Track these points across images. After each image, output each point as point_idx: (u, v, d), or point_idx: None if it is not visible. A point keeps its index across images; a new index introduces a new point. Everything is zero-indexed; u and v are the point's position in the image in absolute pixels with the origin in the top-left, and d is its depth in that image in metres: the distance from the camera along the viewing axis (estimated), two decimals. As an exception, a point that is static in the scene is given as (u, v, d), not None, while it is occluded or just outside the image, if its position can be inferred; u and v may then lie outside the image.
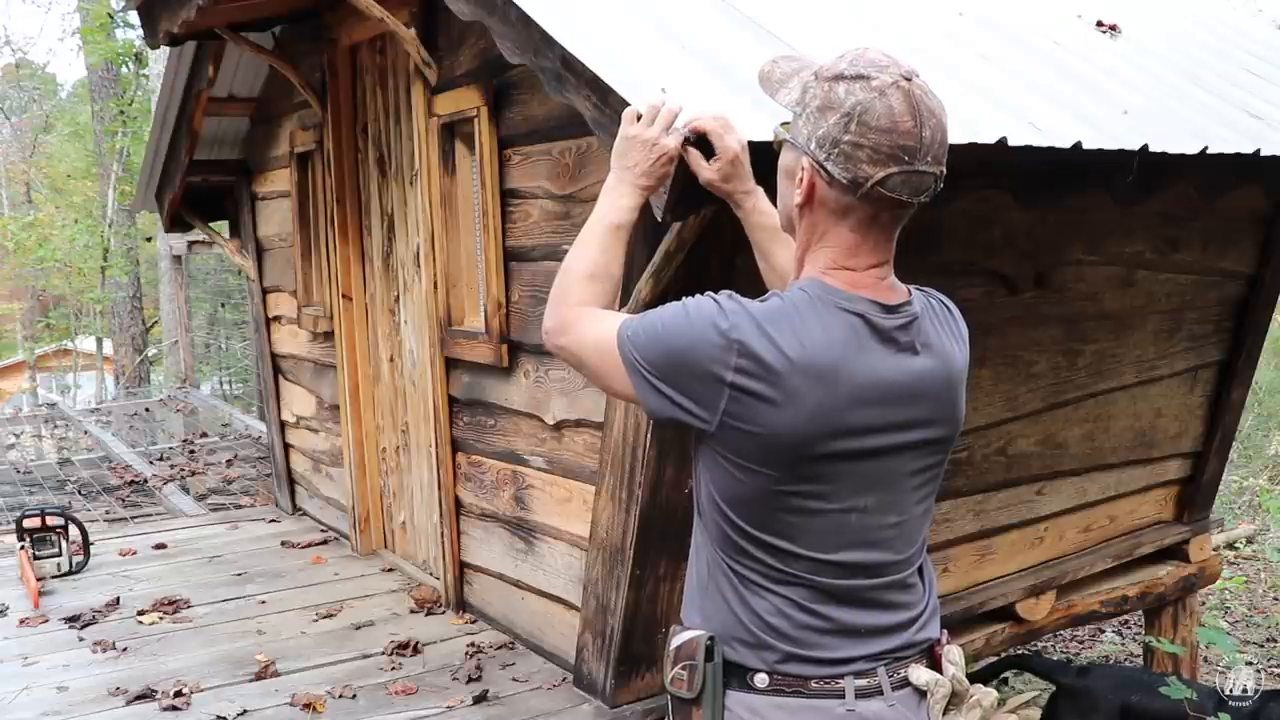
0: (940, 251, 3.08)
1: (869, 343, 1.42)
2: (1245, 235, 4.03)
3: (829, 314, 1.41)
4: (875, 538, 1.48)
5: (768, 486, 1.42)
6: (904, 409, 1.45)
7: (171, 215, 5.23)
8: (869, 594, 1.49)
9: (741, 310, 1.41)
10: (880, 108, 1.35)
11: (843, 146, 1.36)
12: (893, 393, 1.43)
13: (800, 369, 1.37)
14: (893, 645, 1.51)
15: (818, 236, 1.45)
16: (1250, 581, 6.62)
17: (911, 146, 1.36)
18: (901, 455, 1.48)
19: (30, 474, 6.66)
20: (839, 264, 1.44)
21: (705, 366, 1.39)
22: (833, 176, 1.38)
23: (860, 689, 1.47)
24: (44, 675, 3.30)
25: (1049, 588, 3.83)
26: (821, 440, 1.39)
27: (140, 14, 4.03)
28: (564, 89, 2.29)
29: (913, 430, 1.47)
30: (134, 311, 12.87)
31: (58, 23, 40.54)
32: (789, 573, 1.46)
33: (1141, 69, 3.42)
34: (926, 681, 1.50)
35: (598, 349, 1.53)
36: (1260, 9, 13.68)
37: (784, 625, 1.45)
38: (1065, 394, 3.69)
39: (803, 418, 1.38)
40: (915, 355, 1.46)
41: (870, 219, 1.41)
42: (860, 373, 1.40)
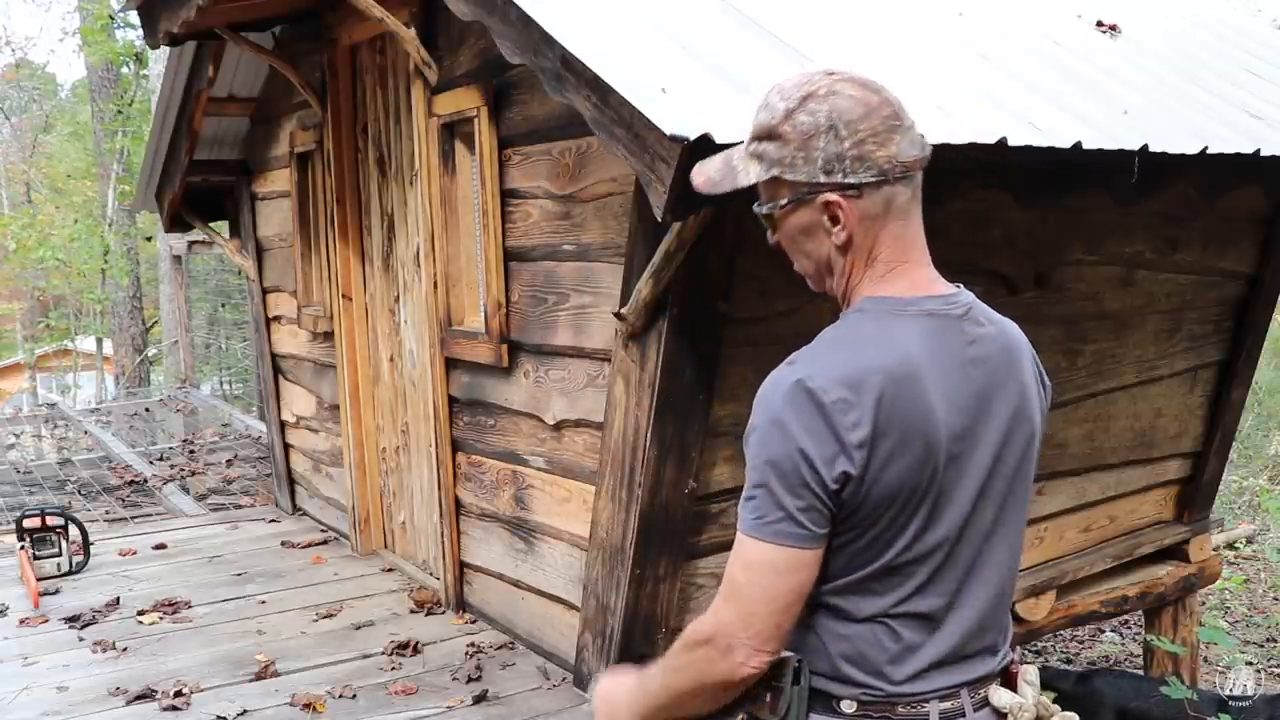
0: (940, 251, 3.07)
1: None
2: (1245, 235, 4.03)
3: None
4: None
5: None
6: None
7: (171, 215, 5.23)
8: (959, 623, 1.44)
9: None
10: (846, 103, 1.35)
11: (850, 154, 1.34)
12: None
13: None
14: (977, 675, 1.46)
15: (865, 257, 1.42)
16: (1250, 581, 6.62)
17: (892, 110, 1.37)
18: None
19: (30, 474, 6.66)
20: (900, 260, 1.42)
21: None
22: (861, 186, 1.35)
23: (944, 712, 1.43)
24: (44, 675, 3.30)
25: (1049, 588, 3.82)
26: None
27: (140, 14, 4.03)
28: (564, 89, 2.29)
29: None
30: (134, 311, 12.87)
31: (58, 23, 40.55)
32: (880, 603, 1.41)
33: (1141, 69, 3.42)
34: (1010, 704, 1.46)
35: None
36: (1260, 9, 13.67)
37: (875, 655, 1.40)
38: (1065, 394, 3.69)
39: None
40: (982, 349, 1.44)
41: (902, 205, 1.39)
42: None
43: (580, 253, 2.90)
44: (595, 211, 2.82)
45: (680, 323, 2.57)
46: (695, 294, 2.57)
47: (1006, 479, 1.46)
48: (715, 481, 2.86)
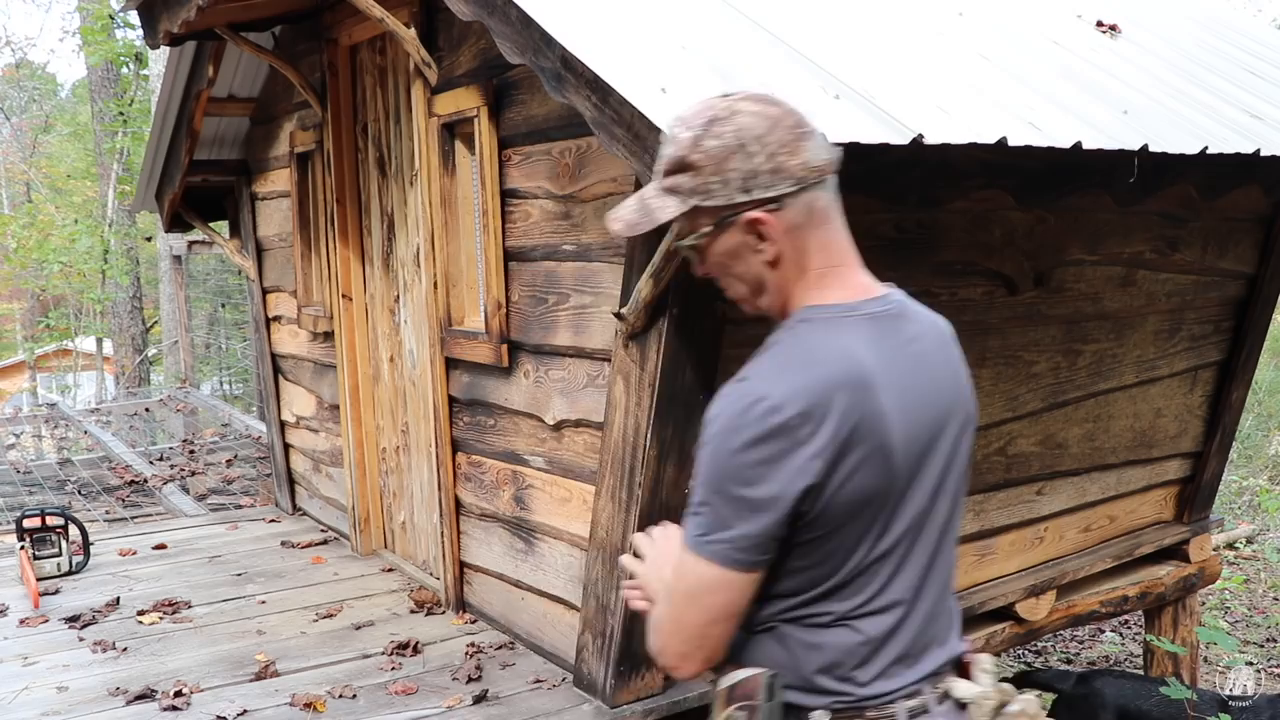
0: (940, 251, 3.09)
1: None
2: (1245, 235, 4.03)
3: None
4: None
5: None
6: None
7: (171, 215, 5.24)
8: (922, 617, 1.46)
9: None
10: (750, 119, 1.36)
11: (764, 168, 1.35)
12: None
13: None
14: (935, 665, 1.49)
15: (797, 267, 1.41)
16: (1250, 581, 6.62)
17: (796, 119, 1.37)
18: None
19: (30, 474, 6.66)
20: (832, 265, 1.42)
21: None
22: (782, 197, 1.36)
23: (911, 710, 1.45)
24: (44, 675, 3.30)
25: (1049, 588, 3.83)
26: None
27: (140, 14, 4.03)
28: (564, 89, 2.29)
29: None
30: (134, 311, 12.87)
31: (58, 23, 40.55)
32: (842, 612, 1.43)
33: (1141, 69, 3.42)
34: (972, 695, 1.48)
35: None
36: (1260, 9, 13.66)
37: (845, 660, 1.42)
38: (1065, 394, 3.69)
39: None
40: (921, 347, 1.45)
41: (823, 208, 1.39)
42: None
43: (580, 253, 2.90)
44: (595, 211, 2.82)
45: (680, 323, 2.57)
46: (695, 294, 2.57)
47: (958, 472, 1.49)
48: (715, 481, 2.86)
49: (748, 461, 1.30)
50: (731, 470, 1.32)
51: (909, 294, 1.56)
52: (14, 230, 13.55)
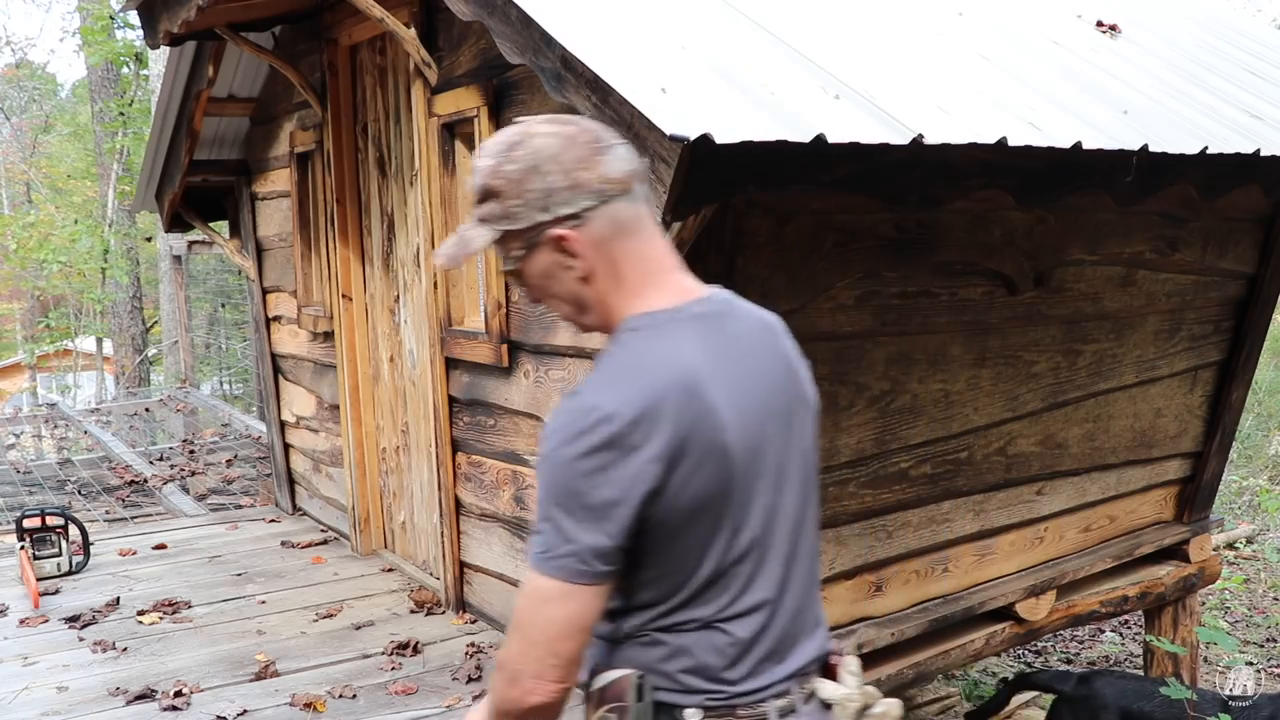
0: (940, 251, 3.08)
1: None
2: (1245, 235, 4.03)
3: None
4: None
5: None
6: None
7: (171, 215, 5.24)
8: (785, 613, 1.47)
9: None
10: (544, 141, 1.38)
11: (561, 185, 1.37)
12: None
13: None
14: (803, 662, 1.50)
15: (612, 279, 1.43)
16: (1250, 581, 6.63)
17: (591, 136, 1.40)
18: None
19: (30, 474, 6.66)
20: (650, 272, 1.44)
21: None
22: (581, 212, 1.38)
23: (781, 708, 1.46)
24: (44, 675, 3.30)
25: (1049, 588, 3.82)
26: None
27: (140, 14, 4.03)
28: (564, 89, 2.29)
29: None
30: (134, 311, 12.87)
31: (58, 23, 40.54)
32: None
33: (1141, 69, 3.42)
34: (838, 696, 1.50)
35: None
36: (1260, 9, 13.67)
37: (713, 660, 1.43)
38: (1065, 394, 3.69)
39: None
40: (750, 344, 1.47)
41: (628, 219, 1.41)
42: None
43: (580, 253, 2.89)
44: (595, 211, 2.81)
45: (680, 323, 2.57)
46: (695, 294, 2.56)
47: (802, 462, 1.50)
48: (715, 481, 2.86)
49: (584, 471, 1.30)
50: (569, 482, 1.32)
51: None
52: (14, 230, 13.53)
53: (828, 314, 2.91)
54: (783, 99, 2.26)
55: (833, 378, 2.99)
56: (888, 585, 3.42)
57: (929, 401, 3.26)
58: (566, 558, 1.33)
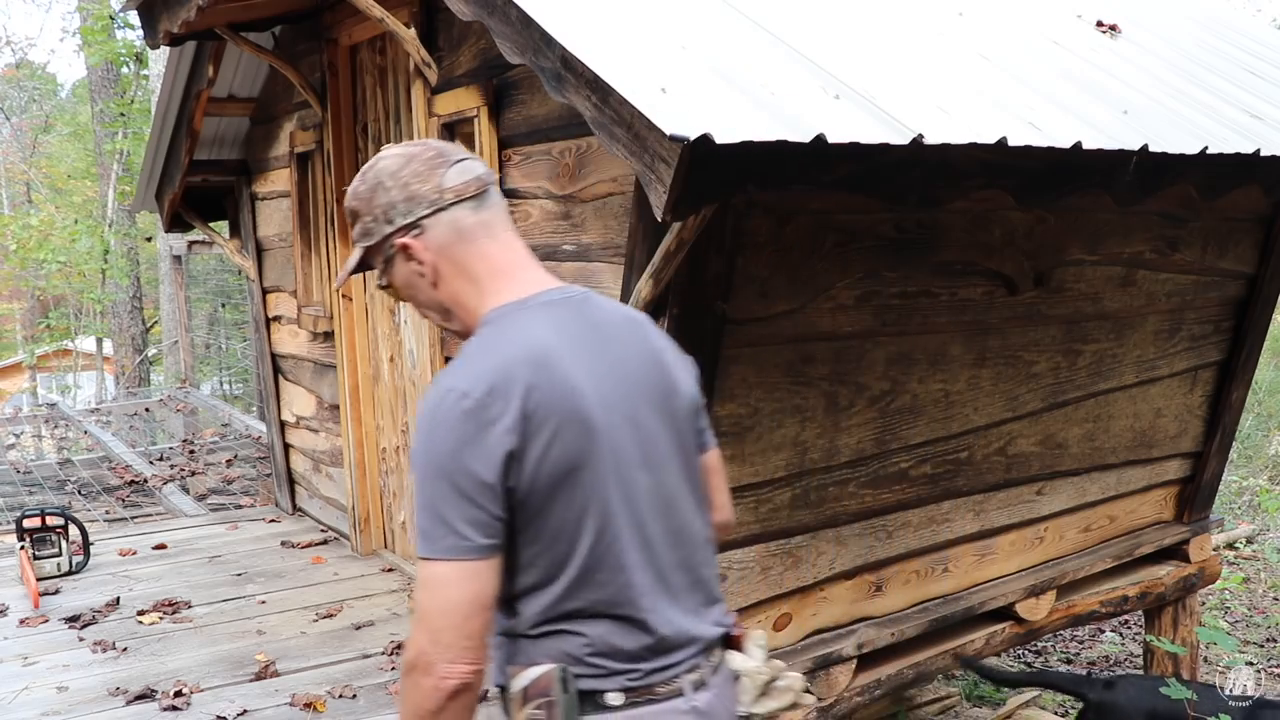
0: (940, 251, 3.08)
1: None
2: (1245, 235, 4.03)
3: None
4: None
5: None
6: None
7: (171, 215, 5.23)
8: (677, 591, 1.53)
9: None
10: (388, 161, 1.53)
11: (399, 198, 1.50)
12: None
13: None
14: (706, 636, 1.56)
15: (465, 281, 1.52)
16: (1250, 581, 6.63)
17: (435, 152, 1.53)
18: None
19: (30, 474, 6.66)
20: (501, 272, 1.53)
21: None
22: (419, 220, 1.50)
23: (694, 682, 1.52)
24: (44, 675, 3.30)
25: (1049, 588, 3.82)
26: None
27: (140, 14, 4.03)
28: (564, 89, 2.29)
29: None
30: (134, 311, 12.87)
31: (58, 23, 40.52)
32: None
33: (1141, 69, 3.42)
34: (747, 667, 1.58)
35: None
36: (1260, 9, 13.67)
37: (623, 642, 1.48)
38: (1065, 394, 3.69)
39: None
40: (610, 331, 1.53)
41: (471, 225, 1.52)
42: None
43: (580, 253, 2.90)
44: (595, 211, 2.82)
45: (680, 323, 2.57)
46: (695, 294, 2.57)
47: (680, 451, 1.57)
48: (715, 481, 2.86)
49: (449, 449, 1.37)
50: (438, 462, 1.38)
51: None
52: (14, 230, 13.53)
53: (828, 314, 2.91)
54: (783, 99, 2.26)
55: (833, 378, 2.99)
56: (888, 585, 3.42)
57: (929, 401, 3.26)
58: (450, 537, 1.37)
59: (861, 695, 3.30)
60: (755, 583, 3.05)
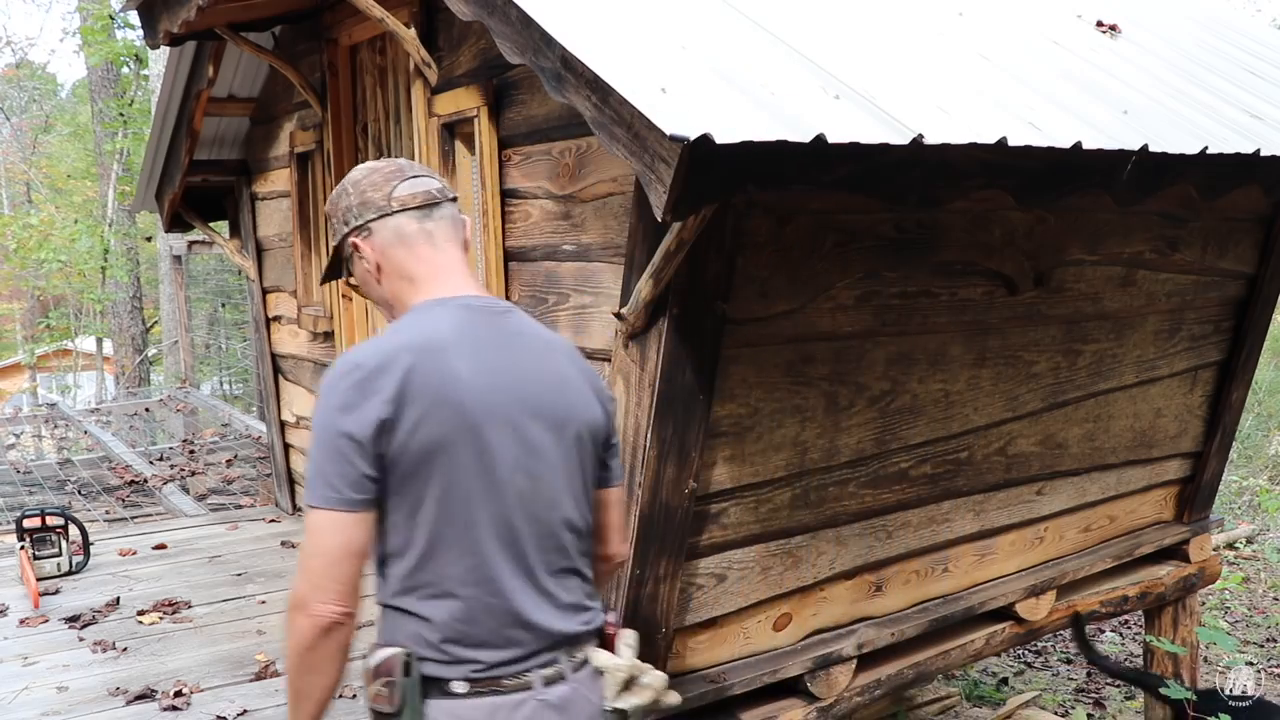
0: (940, 251, 3.09)
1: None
2: (1245, 235, 4.03)
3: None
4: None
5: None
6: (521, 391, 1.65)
7: (171, 215, 5.23)
8: (543, 589, 1.64)
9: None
10: (356, 173, 1.75)
11: (355, 204, 1.71)
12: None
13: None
14: (567, 633, 1.66)
15: (403, 278, 1.70)
16: (1250, 581, 6.63)
17: (395, 168, 1.72)
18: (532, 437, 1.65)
19: (30, 474, 6.66)
20: (435, 275, 1.70)
21: None
22: (367, 223, 1.70)
23: (547, 677, 1.63)
24: (44, 675, 3.30)
25: (1049, 588, 3.83)
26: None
27: (140, 14, 4.03)
28: (564, 89, 2.29)
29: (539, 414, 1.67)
30: (134, 311, 12.87)
31: (58, 23, 40.52)
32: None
33: (1141, 69, 3.42)
34: (607, 664, 1.67)
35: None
36: (1260, 9, 13.67)
37: (471, 630, 1.59)
38: (1065, 394, 3.69)
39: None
40: (521, 340, 1.69)
41: (414, 231, 1.70)
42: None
43: (580, 253, 2.90)
44: (595, 211, 2.82)
45: (680, 323, 2.57)
46: (695, 294, 2.57)
47: (564, 459, 1.69)
48: (715, 481, 2.86)
49: (335, 410, 1.55)
50: (325, 423, 1.55)
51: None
52: (14, 230, 13.53)
53: (828, 314, 2.91)
54: (783, 99, 2.26)
55: (833, 378, 2.99)
56: (888, 585, 3.42)
57: (929, 401, 3.26)
58: (326, 489, 1.54)
59: (861, 695, 3.30)
60: (755, 583, 3.06)
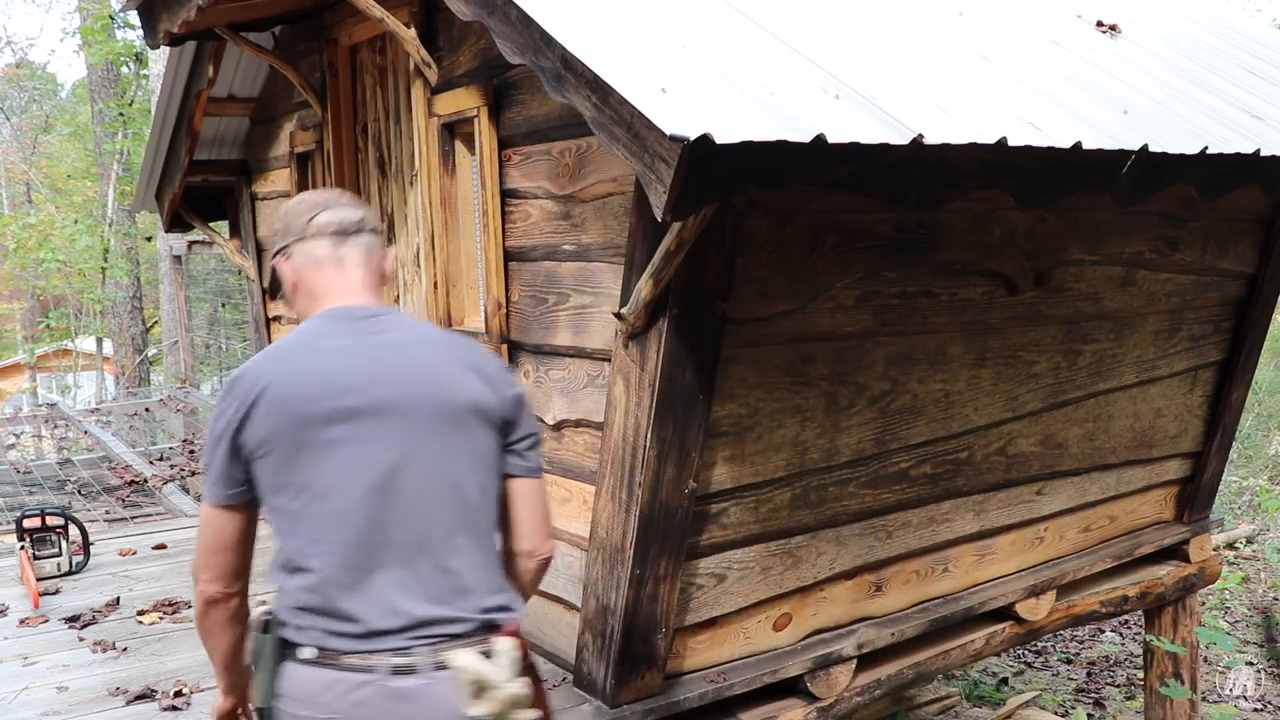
0: (940, 251, 3.09)
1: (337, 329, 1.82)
2: (1245, 235, 4.03)
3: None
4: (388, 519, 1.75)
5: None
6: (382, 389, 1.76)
7: (171, 215, 5.23)
8: (411, 576, 1.72)
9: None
10: (289, 204, 1.95)
11: (280, 229, 1.92)
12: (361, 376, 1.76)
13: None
14: (433, 619, 1.71)
15: (310, 296, 1.88)
16: (1250, 581, 6.63)
17: (321, 200, 1.91)
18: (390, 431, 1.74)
19: (30, 474, 6.66)
20: (332, 293, 1.88)
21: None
22: (287, 246, 1.90)
23: (396, 666, 1.67)
24: (44, 675, 3.30)
25: (1049, 588, 3.83)
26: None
27: (140, 14, 4.03)
28: (564, 89, 2.29)
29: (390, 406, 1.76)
30: (134, 311, 12.87)
31: (58, 23, 40.51)
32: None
33: (1141, 69, 3.42)
34: (464, 665, 1.69)
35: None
36: (1260, 9, 13.67)
37: (321, 604, 1.70)
38: (1065, 394, 3.69)
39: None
40: (380, 337, 1.81)
41: (325, 255, 1.87)
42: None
43: (580, 253, 2.90)
44: (595, 211, 2.82)
45: (680, 323, 2.57)
46: (695, 294, 2.57)
47: (450, 446, 1.76)
48: (715, 481, 2.86)
49: (213, 418, 1.76)
50: (210, 428, 1.77)
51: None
52: (14, 230, 13.53)
53: (828, 314, 2.91)
54: (783, 99, 2.26)
55: (833, 378, 2.99)
56: (888, 585, 3.43)
57: (929, 401, 3.26)
58: (208, 487, 1.77)
59: (861, 695, 3.30)
60: (755, 583, 3.06)
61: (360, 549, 1.70)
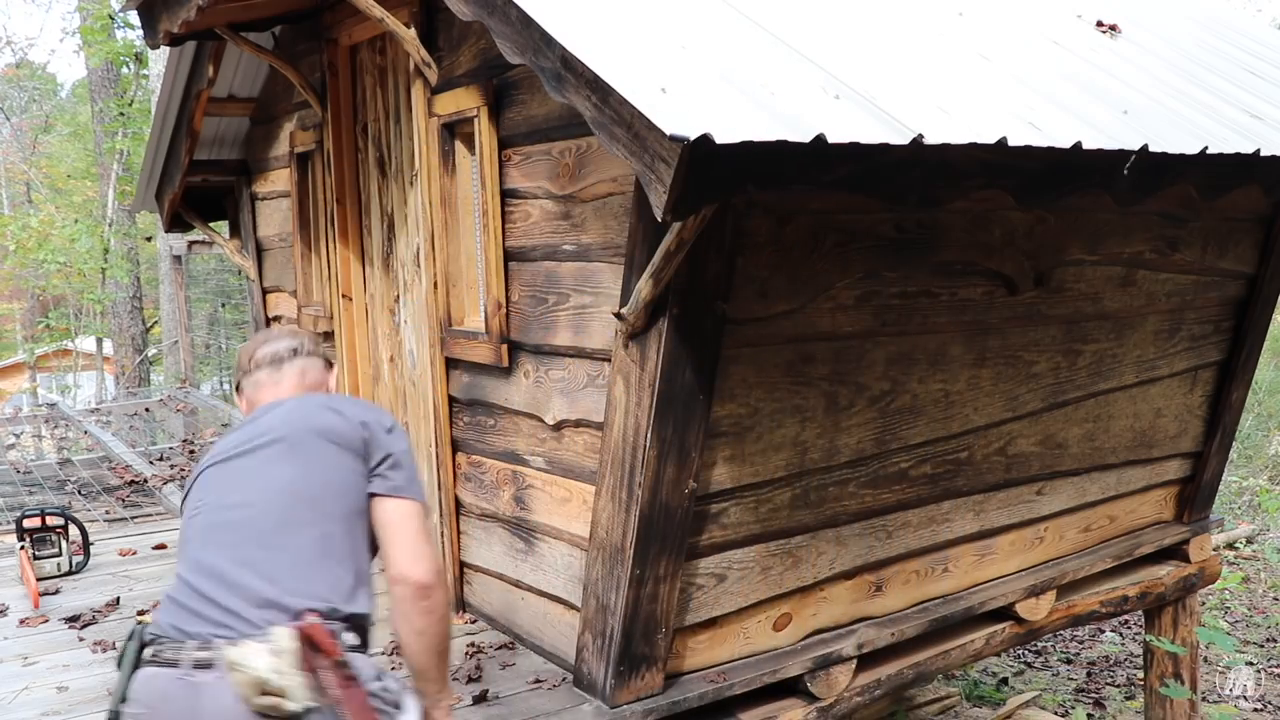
0: (940, 251, 3.09)
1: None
2: (1245, 235, 4.03)
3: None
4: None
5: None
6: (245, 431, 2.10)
7: (171, 215, 5.23)
8: (232, 584, 1.90)
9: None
10: (249, 341, 2.34)
11: (236, 364, 2.31)
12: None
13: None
14: (242, 619, 1.85)
15: (250, 409, 2.25)
16: (1250, 581, 6.63)
17: (267, 338, 2.31)
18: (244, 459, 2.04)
19: (30, 474, 6.66)
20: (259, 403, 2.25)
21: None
22: (240, 380, 2.29)
23: (198, 660, 1.82)
24: (44, 675, 3.30)
25: (1049, 588, 3.83)
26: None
27: (140, 14, 4.03)
28: (564, 89, 2.29)
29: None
30: (134, 311, 12.87)
31: (58, 23, 40.50)
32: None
33: (1141, 69, 3.43)
34: (236, 659, 1.79)
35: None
36: (1260, 9, 13.68)
37: (164, 601, 1.94)
38: (1065, 394, 3.69)
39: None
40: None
41: (264, 380, 2.25)
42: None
43: (580, 253, 2.90)
44: (595, 211, 2.82)
45: (680, 323, 2.57)
46: (695, 294, 2.57)
47: (303, 479, 2.00)
48: (715, 481, 2.86)
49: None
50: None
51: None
52: (14, 230, 13.53)
53: (828, 314, 2.91)
54: (783, 99, 2.26)
55: (833, 378, 2.99)
56: (888, 585, 3.43)
57: (929, 401, 3.26)
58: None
59: (861, 695, 3.30)
60: (755, 583, 3.06)
61: (200, 571, 1.95)
